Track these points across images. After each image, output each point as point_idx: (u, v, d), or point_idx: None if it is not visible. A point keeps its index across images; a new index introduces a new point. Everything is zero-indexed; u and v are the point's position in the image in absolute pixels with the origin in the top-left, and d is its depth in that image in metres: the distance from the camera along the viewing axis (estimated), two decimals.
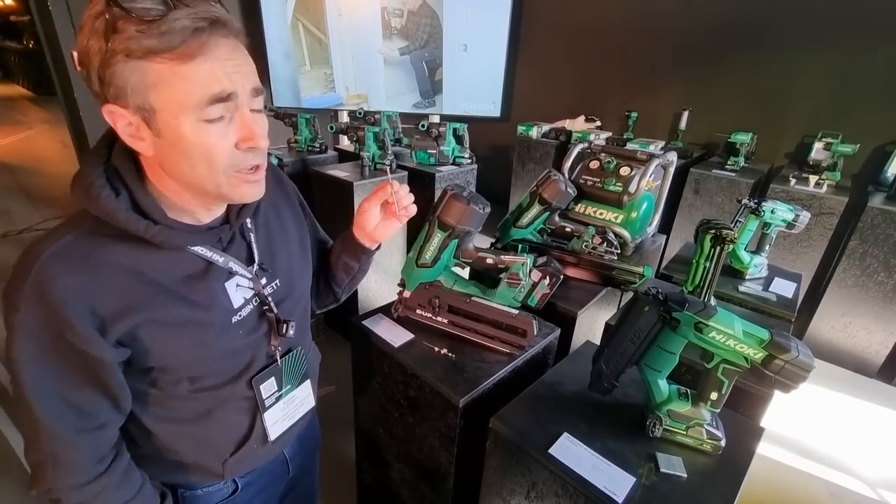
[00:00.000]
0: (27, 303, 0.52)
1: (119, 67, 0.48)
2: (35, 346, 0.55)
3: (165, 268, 0.60)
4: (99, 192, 0.54)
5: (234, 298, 0.67)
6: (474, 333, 1.03)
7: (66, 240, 0.55)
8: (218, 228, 0.65)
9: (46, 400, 0.57)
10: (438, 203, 0.96)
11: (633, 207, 1.52)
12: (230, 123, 0.55)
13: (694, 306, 0.74)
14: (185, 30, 0.48)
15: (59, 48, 3.26)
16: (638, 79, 3.93)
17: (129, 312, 0.57)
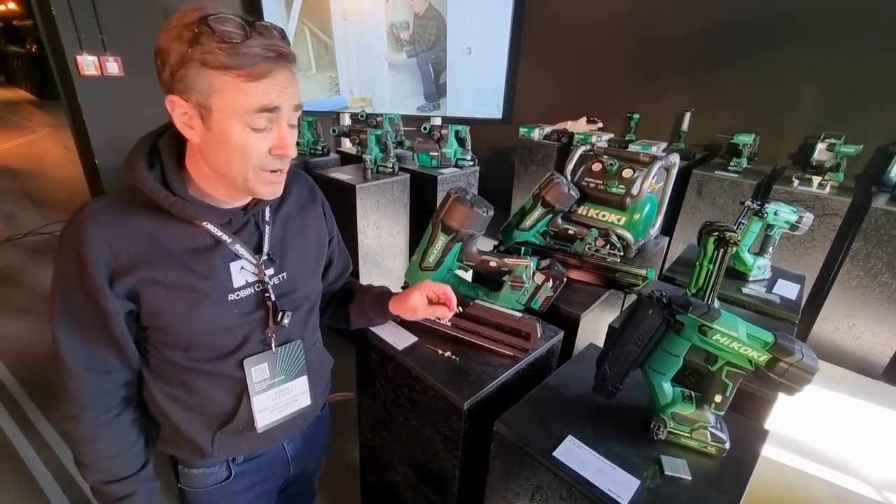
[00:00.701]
0: (65, 246, 0.64)
1: (193, 71, 0.59)
2: (62, 284, 0.65)
3: (177, 237, 0.68)
4: (136, 163, 0.65)
5: (234, 278, 0.73)
6: (478, 336, 1.04)
7: (105, 202, 0.66)
8: (230, 210, 0.72)
9: (64, 333, 0.67)
10: (442, 206, 0.97)
11: (636, 209, 1.52)
12: (269, 132, 0.64)
13: (698, 309, 0.74)
14: (257, 57, 0.59)
15: (62, 52, 3.27)
16: (640, 80, 3.94)
17: (135, 269, 0.65)
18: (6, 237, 3.67)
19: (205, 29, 0.57)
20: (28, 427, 1.99)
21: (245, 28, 0.59)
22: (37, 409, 2.08)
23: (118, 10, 3.39)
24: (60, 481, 1.75)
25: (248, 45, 0.59)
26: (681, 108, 3.58)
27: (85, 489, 1.72)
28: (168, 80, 0.61)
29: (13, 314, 2.76)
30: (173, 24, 0.59)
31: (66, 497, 1.70)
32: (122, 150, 0.67)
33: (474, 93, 4.71)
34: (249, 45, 0.59)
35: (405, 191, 2.59)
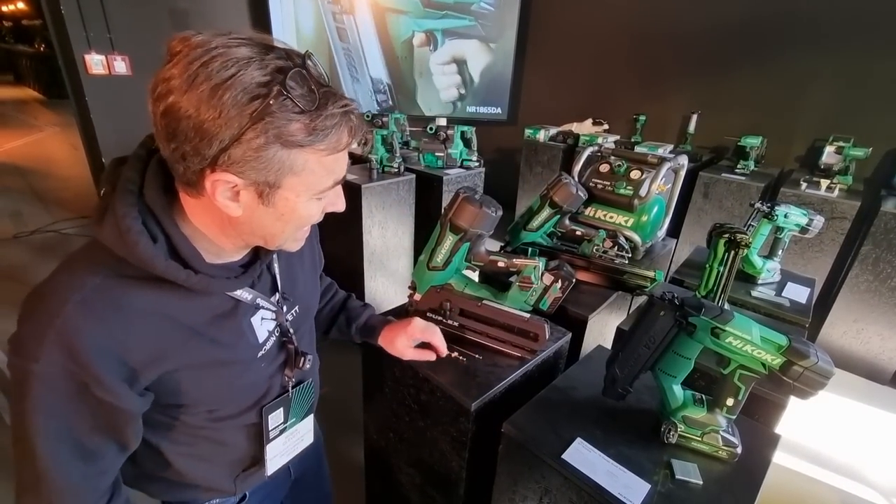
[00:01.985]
0: (49, 353, 0.50)
1: (259, 150, 0.48)
2: (52, 397, 0.52)
3: (195, 309, 0.59)
4: (137, 239, 0.51)
5: (258, 333, 0.68)
6: (486, 337, 1.03)
7: (92, 284, 0.52)
8: (251, 269, 0.64)
9: (55, 449, 0.55)
10: (451, 206, 0.96)
11: (644, 211, 1.51)
12: (326, 197, 0.58)
13: (711, 311, 0.73)
14: (338, 125, 0.51)
15: (70, 52, 3.30)
16: (646, 81, 3.92)
17: (160, 360, 0.56)
18: (13, 234, 3.70)
19: (278, 97, 0.47)
20: None
21: (310, 84, 0.49)
22: None
23: (126, 10, 3.40)
24: None
25: (326, 111, 0.50)
26: (687, 110, 3.56)
27: None
28: (213, 156, 0.48)
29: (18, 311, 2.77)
30: (205, 84, 0.45)
31: None
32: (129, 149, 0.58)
33: (479, 93, 4.71)
34: (328, 112, 0.50)
35: (410, 191, 2.59)
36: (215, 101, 0.45)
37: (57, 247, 3.60)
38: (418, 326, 0.93)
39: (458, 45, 4.43)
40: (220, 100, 0.45)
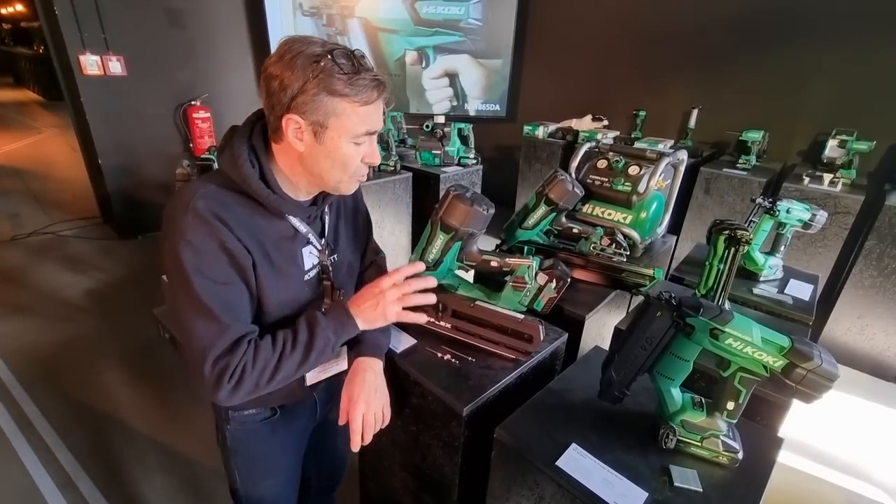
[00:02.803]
0: (193, 227, 0.71)
1: (317, 97, 0.71)
2: (202, 259, 0.72)
3: (268, 228, 0.81)
4: (242, 162, 0.75)
5: (306, 261, 0.88)
6: (479, 339, 1.00)
7: (210, 188, 0.75)
8: (311, 207, 0.86)
9: (210, 299, 0.73)
10: (441, 204, 0.93)
11: (643, 207, 1.48)
12: (364, 146, 0.78)
13: (709, 311, 0.70)
14: (368, 87, 0.73)
15: (65, 53, 3.27)
16: (646, 77, 3.88)
17: (254, 247, 0.78)
18: (10, 237, 3.68)
19: (329, 63, 0.70)
20: (28, 427, 1.98)
21: (352, 60, 0.72)
22: (37, 409, 2.07)
23: (121, 10, 3.38)
24: (59, 484, 1.74)
25: (362, 77, 0.72)
26: (688, 105, 3.52)
27: (84, 492, 1.71)
28: (286, 102, 0.72)
29: (16, 313, 2.76)
30: (287, 56, 0.70)
31: (64, 500, 1.68)
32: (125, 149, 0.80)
33: (478, 91, 4.67)
34: (363, 77, 0.72)
35: (407, 189, 2.56)
36: (291, 65, 0.70)
37: (54, 248, 3.59)
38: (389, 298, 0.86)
39: (449, 60, 4.50)
40: (293, 63, 0.70)
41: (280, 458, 1.05)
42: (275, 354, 0.79)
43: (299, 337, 0.80)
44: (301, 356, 0.80)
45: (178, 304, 0.75)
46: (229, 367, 0.74)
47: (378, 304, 0.86)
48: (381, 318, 0.87)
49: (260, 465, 1.03)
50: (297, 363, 0.80)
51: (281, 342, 0.80)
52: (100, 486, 1.73)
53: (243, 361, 0.76)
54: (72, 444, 1.91)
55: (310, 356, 0.80)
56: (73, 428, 1.98)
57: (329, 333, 0.82)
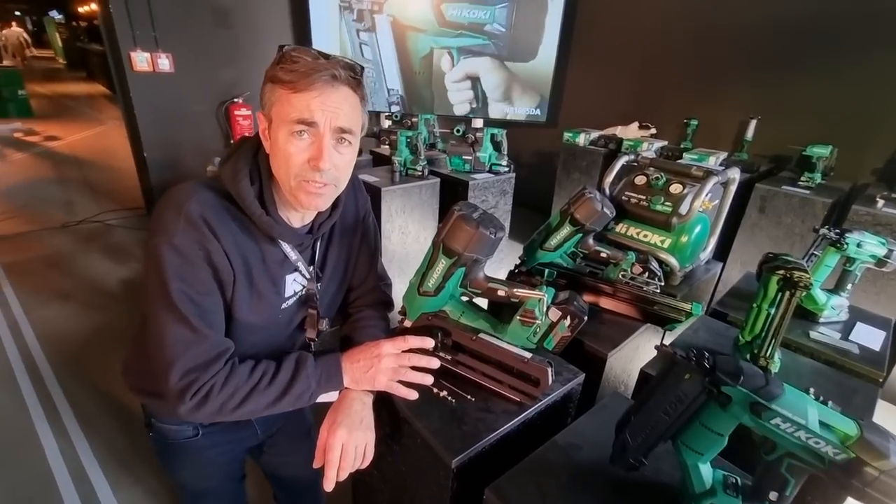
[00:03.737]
0: (183, 231, 0.69)
1: (267, 87, 0.71)
2: (183, 265, 0.69)
3: (257, 248, 0.79)
4: (241, 178, 0.74)
5: (287, 288, 0.85)
6: (480, 375, 0.89)
7: (208, 195, 0.73)
8: (306, 235, 0.84)
9: (185, 306, 0.70)
10: (444, 225, 0.83)
11: (684, 231, 1.32)
12: (310, 145, 0.72)
13: (752, 380, 0.57)
14: (306, 74, 0.68)
15: (118, 49, 3.41)
16: (700, 83, 3.62)
17: (237, 262, 0.75)
18: (62, 224, 3.89)
19: (282, 54, 0.69)
20: (53, 414, 2.04)
21: (316, 56, 0.69)
22: (63, 396, 2.14)
23: (171, 8, 3.49)
24: (73, 474, 1.77)
25: (304, 65, 0.68)
26: (745, 115, 3.25)
27: (95, 484, 1.73)
28: (260, 99, 0.73)
29: (56, 299, 2.89)
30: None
31: (76, 491, 1.70)
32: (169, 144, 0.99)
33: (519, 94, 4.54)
34: (305, 65, 0.68)
35: (434, 195, 2.47)
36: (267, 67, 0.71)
37: (100, 237, 3.75)
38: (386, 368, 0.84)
39: (472, 62, 4.44)
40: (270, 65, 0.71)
41: (211, 480, 1.05)
42: (248, 383, 0.75)
43: (280, 375, 0.76)
44: (275, 395, 0.76)
45: (152, 306, 0.71)
46: (196, 383, 0.70)
47: (371, 368, 0.82)
48: (370, 382, 0.83)
49: (191, 483, 1.05)
50: (270, 401, 0.76)
51: (259, 373, 0.76)
52: (110, 480, 1.75)
53: (213, 381, 0.72)
54: (91, 434, 1.94)
55: (284, 398, 0.76)
56: (93, 417, 2.02)
57: (312, 381, 0.78)
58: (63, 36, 18.03)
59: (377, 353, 0.83)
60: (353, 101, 0.73)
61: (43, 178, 5.10)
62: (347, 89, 0.72)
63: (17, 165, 5.52)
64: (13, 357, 2.39)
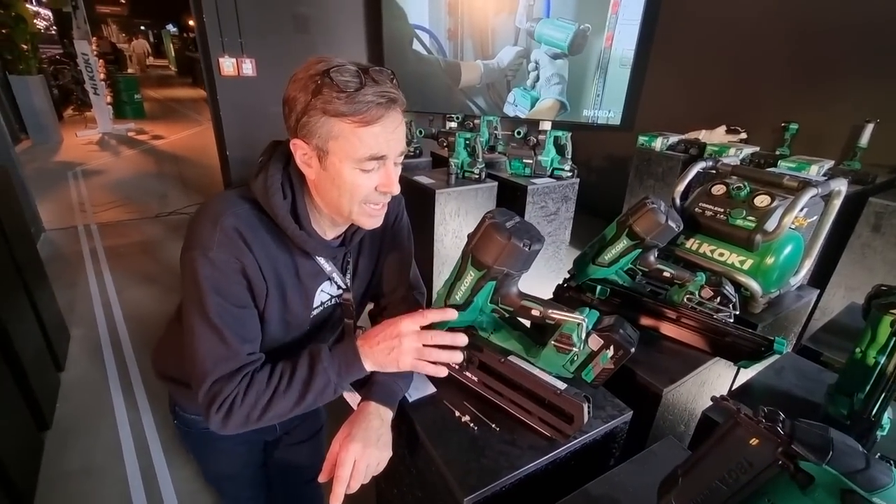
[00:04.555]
0: (219, 244, 0.69)
1: (315, 118, 0.67)
2: (219, 277, 0.70)
3: (290, 261, 0.79)
4: (274, 193, 0.73)
5: (315, 299, 0.85)
6: (507, 402, 0.80)
7: (244, 207, 0.73)
8: (337, 249, 0.84)
9: (222, 319, 0.70)
10: (474, 233, 0.75)
11: (770, 251, 1.13)
12: (377, 173, 0.72)
13: (846, 459, 0.43)
14: (370, 104, 0.65)
15: (209, 56, 3.70)
16: (803, 80, 3.19)
17: (270, 275, 0.75)
18: (155, 214, 4.30)
19: (326, 80, 0.64)
20: (128, 388, 2.23)
21: (360, 76, 0.66)
22: (139, 371, 2.33)
23: (256, 16, 3.72)
24: (137, 446, 1.90)
25: (363, 94, 0.65)
26: (860, 118, 2.80)
27: (154, 459, 1.85)
28: (293, 126, 0.69)
29: (144, 282, 3.18)
30: (300, 76, 0.67)
31: (137, 464, 1.83)
32: (248, 143, 0.98)
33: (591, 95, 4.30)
34: (364, 94, 0.65)
35: (491, 199, 2.39)
36: (297, 86, 0.67)
37: (185, 227, 4.09)
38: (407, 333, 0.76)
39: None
40: (298, 83, 0.67)
41: (231, 467, 1.08)
42: (268, 390, 0.73)
43: (297, 373, 0.74)
44: (297, 395, 0.73)
45: (188, 317, 0.72)
46: (220, 396, 0.71)
47: (392, 350, 0.75)
48: (393, 364, 0.76)
49: (213, 467, 1.09)
50: (293, 402, 0.73)
51: (277, 377, 0.74)
52: (167, 456, 1.86)
53: (234, 392, 0.71)
54: (155, 409, 2.09)
55: (306, 396, 0.73)
56: (159, 394, 2.18)
57: (331, 373, 0.74)
58: (175, 46, 20.22)
59: (396, 332, 0.75)
60: (401, 117, 0.72)
61: (146, 172, 5.70)
62: (399, 108, 0.70)
63: (127, 161, 6.22)
64: (102, 331, 2.65)
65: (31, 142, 6.52)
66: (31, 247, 2.29)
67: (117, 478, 1.77)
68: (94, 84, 7.17)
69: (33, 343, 1.98)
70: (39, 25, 8.48)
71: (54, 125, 6.89)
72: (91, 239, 3.81)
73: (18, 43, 6.25)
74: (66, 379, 2.26)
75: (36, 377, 1.87)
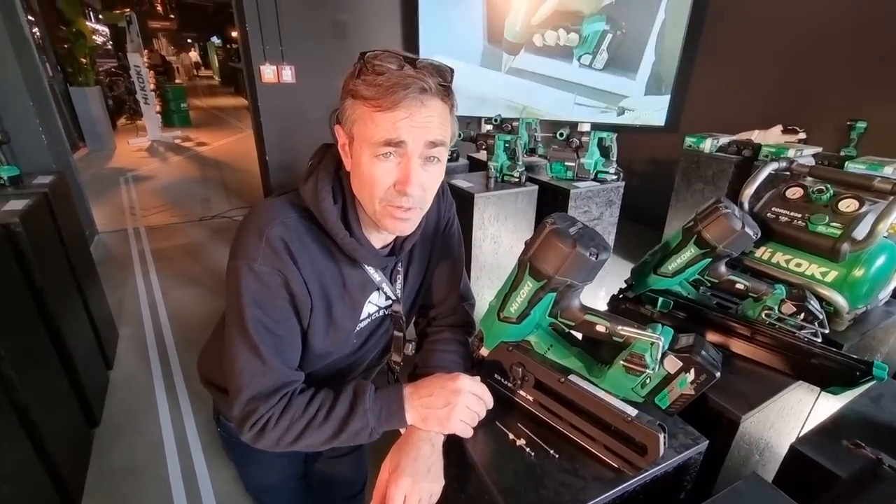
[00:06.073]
0: (264, 255, 0.66)
1: (348, 102, 0.65)
2: (262, 290, 0.67)
3: (338, 272, 0.75)
4: (324, 197, 0.70)
5: (363, 310, 0.81)
6: (567, 426, 0.73)
7: (291, 216, 0.69)
8: (388, 258, 0.79)
9: (259, 333, 0.68)
10: (533, 241, 0.69)
11: (859, 262, 1.01)
12: (397, 166, 0.65)
13: None
14: (392, 88, 0.60)
15: (251, 64, 3.79)
16: (869, 75, 2.95)
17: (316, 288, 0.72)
18: (199, 217, 4.44)
19: (361, 64, 0.62)
20: (171, 388, 2.27)
21: (401, 63, 0.61)
22: (181, 371, 2.37)
23: (296, 24, 3.79)
24: (178, 446, 1.93)
25: (388, 77, 0.60)
26: None
27: (195, 459, 1.87)
28: (338, 110, 0.67)
29: (188, 283, 3.27)
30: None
31: (179, 464, 1.85)
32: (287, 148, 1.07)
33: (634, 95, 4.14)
34: (389, 77, 0.60)
35: (531, 204, 2.31)
36: (346, 76, 0.64)
37: (229, 231, 4.21)
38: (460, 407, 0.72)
39: None
40: (348, 73, 0.64)
41: (272, 478, 1.05)
42: (303, 419, 0.70)
43: (337, 408, 0.71)
44: (332, 431, 0.70)
45: (229, 327, 0.70)
46: (255, 414, 0.69)
47: (446, 406, 0.71)
48: (440, 421, 0.71)
49: (253, 477, 1.06)
50: (326, 437, 0.71)
51: (315, 407, 0.71)
52: (206, 458, 1.88)
53: (270, 413, 0.69)
54: (197, 410, 2.12)
55: (341, 434, 0.70)
56: (200, 394, 2.21)
57: (370, 417, 0.70)
58: (220, 57, 21.12)
59: (455, 387, 0.71)
60: (444, 112, 0.66)
61: (191, 177, 5.92)
62: (437, 101, 0.64)
63: (174, 166, 6.49)
64: (148, 331, 2.73)
65: (87, 149, 6.91)
66: (85, 248, 2.39)
67: (159, 477, 1.79)
68: (145, 94, 7.54)
69: (85, 341, 2.05)
70: (98, 40, 9.02)
71: (109, 133, 7.29)
72: (140, 241, 3.96)
73: (78, 57, 6.64)
74: (114, 377, 2.33)
75: (87, 374, 1.93)
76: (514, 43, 4.09)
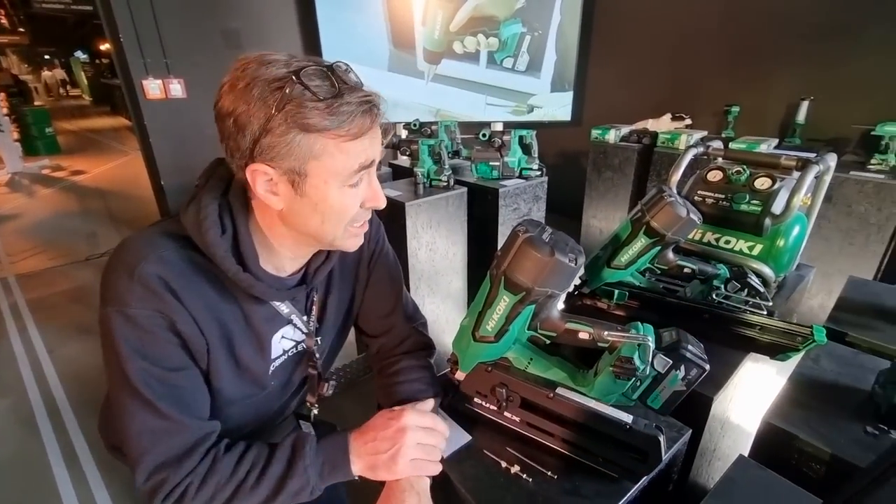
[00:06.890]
0: (138, 298, 0.56)
1: (285, 137, 0.53)
2: (142, 338, 0.57)
3: (236, 308, 0.65)
4: (208, 227, 0.58)
5: (275, 348, 0.72)
6: (561, 443, 0.69)
7: (168, 249, 0.59)
8: (296, 289, 0.70)
9: (147, 382, 0.57)
10: (505, 252, 0.64)
11: (779, 234, 1.09)
12: (362, 187, 0.62)
13: None
14: (354, 113, 0.55)
15: (130, 79, 3.36)
16: (739, 65, 3.34)
17: (209, 329, 0.62)
18: (85, 257, 3.85)
19: (295, 88, 0.52)
20: (72, 460, 1.92)
21: (331, 78, 0.54)
22: (84, 439, 2.02)
23: (180, 34, 3.43)
24: None
25: (345, 101, 0.54)
26: (795, 97, 2.96)
27: None
28: (248, 148, 0.55)
29: (79, 335, 2.81)
30: (239, 84, 0.52)
31: None
32: (184, 169, 0.76)
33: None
34: (346, 100, 0.54)
35: (462, 206, 2.28)
36: (246, 97, 0.53)
37: None
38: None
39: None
40: (249, 94, 0.52)
41: None
42: (232, 481, 0.60)
43: (272, 468, 0.61)
44: (266, 493, 0.61)
45: (112, 388, 0.59)
46: (166, 484, 0.58)
47: (392, 448, 0.64)
48: (388, 468, 0.64)
49: None
50: (260, 501, 0.61)
51: (246, 468, 0.61)
52: None
53: (188, 481, 0.58)
54: (110, 482, 1.81)
55: (277, 498, 0.61)
56: (112, 462, 1.89)
57: (311, 474, 0.61)
58: (88, 74, 18.73)
59: (399, 426, 0.65)
60: None
61: (68, 211, 5.13)
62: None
63: (45, 201, 5.59)
64: (34, 399, 2.29)
65: None
66: None
67: None
68: None
69: None
70: None
71: None
72: (10, 293, 3.34)
73: None
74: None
75: None
76: (434, 52, 4.06)
